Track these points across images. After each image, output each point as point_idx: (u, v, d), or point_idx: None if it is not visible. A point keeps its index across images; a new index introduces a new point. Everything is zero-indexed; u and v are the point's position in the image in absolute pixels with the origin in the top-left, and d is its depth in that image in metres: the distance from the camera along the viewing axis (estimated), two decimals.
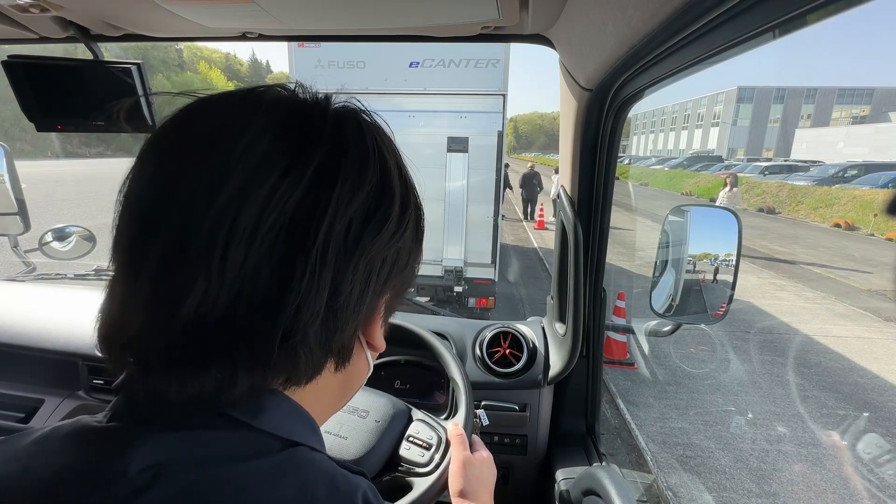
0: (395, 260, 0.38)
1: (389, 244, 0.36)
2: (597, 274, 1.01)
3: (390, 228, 0.36)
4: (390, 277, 0.38)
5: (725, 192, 8.58)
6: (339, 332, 0.35)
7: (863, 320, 5.62)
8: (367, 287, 0.35)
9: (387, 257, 0.37)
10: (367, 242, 0.34)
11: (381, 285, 0.37)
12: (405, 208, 0.38)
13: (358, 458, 0.73)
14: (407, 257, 0.40)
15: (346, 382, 0.43)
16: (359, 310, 0.36)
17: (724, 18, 0.39)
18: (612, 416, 3.48)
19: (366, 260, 0.34)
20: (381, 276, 0.37)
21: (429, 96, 3.97)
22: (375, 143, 0.38)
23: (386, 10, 0.72)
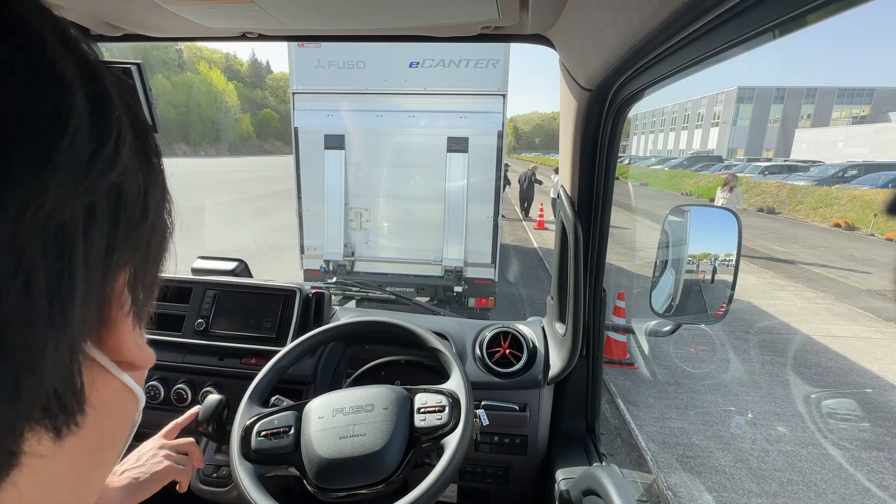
0: (114, 209, 0.23)
1: (87, 181, 0.21)
2: (597, 274, 1.01)
3: (75, 148, 0.20)
4: (116, 232, 0.23)
5: (724, 194, 8.15)
6: (33, 361, 0.19)
7: (863, 320, 5.62)
8: (65, 265, 0.20)
9: (93, 206, 0.21)
10: (28, 180, 0.18)
11: (102, 252, 0.22)
12: (105, 114, 0.22)
13: (383, 447, 0.75)
14: (138, 189, 0.24)
15: (95, 450, 0.26)
16: (67, 305, 0.20)
17: (724, 18, 0.39)
18: (612, 416, 3.48)
19: (36, 213, 0.19)
20: (92, 240, 0.21)
21: (429, 96, 3.97)
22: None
23: (386, 10, 0.72)
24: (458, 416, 0.79)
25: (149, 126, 0.26)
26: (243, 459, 0.78)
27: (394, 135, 4.11)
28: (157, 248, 0.28)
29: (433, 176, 4.12)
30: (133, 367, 0.28)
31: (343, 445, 0.75)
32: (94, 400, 0.24)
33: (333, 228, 4.27)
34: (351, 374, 1.18)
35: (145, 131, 0.26)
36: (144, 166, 0.25)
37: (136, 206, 0.24)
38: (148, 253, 0.27)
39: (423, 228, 4.25)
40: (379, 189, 4.25)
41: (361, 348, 1.26)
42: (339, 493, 0.75)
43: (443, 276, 4.24)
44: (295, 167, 4.24)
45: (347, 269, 4.34)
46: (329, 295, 1.30)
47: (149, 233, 0.26)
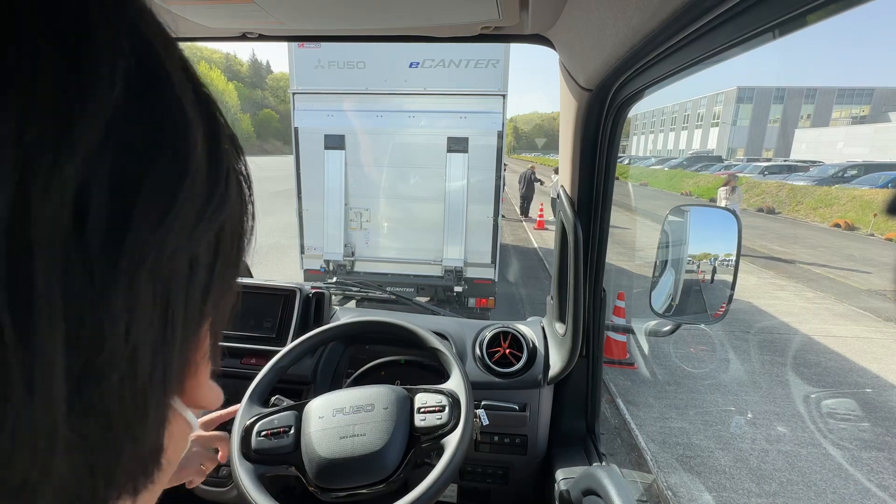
0: (214, 252, 0.21)
1: (199, 227, 0.19)
2: (597, 274, 1.01)
3: (195, 192, 0.19)
4: (212, 278, 0.21)
5: (726, 194, 8.09)
6: (136, 428, 0.19)
7: (863, 320, 5.62)
8: (168, 321, 0.19)
9: (198, 253, 0.20)
10: (147, 233, 0.17)
11: (199, 301, 0.21)
12: (217, 150, 0.21)
13: (383, 447, 0.75)
14: (238, 239, 0.23)
15: (155, 488, 0.24)
16: (168, 364, 0.19)
17: (724, 18, 0.39)
18: (612, 416, 3.48)
19: (152, 269, 0.17)
20: (194, 290, 0.20)
21: (429, 96, 3.97)
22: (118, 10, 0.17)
23: (386, 10, 0.72)
24: (458, 415, 0.79)
25: (241, 148, 0.24)
26: (243, 459, 0.78)
27: (394, 135, 4.11)
28: (237, 285, 0.25)
29: (433, 176, 4.12)
30: (202, 408, 0.26)
31: (343, 445, 0.75)
32: (167, 447, 0.23)
33: (333, 228, 4.27)
34: (351, 374, 1.18)
35: (240, 155, 0.23)
36: (240, 199, 0.23)
37: (232, 249, 0.23)
38: (230, 292, 0.24)
39: (423, 228, 4.25)
40: (379, 189, 4.25)
41: (361, 348, 1.26)
42: (339, 492, 0.75)
43: (443, 276, 4.24)
44: (295, 167, 4.24)
45: (347, 269, 4.34)
46: (329, 295, 1.30)
47: (237, 272, 0.24)
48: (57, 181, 0.15)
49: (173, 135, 0.18)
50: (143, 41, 0.18)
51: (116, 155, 0.16)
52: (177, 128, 0.18)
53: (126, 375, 0.17)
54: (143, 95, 0.17)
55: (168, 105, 0.18)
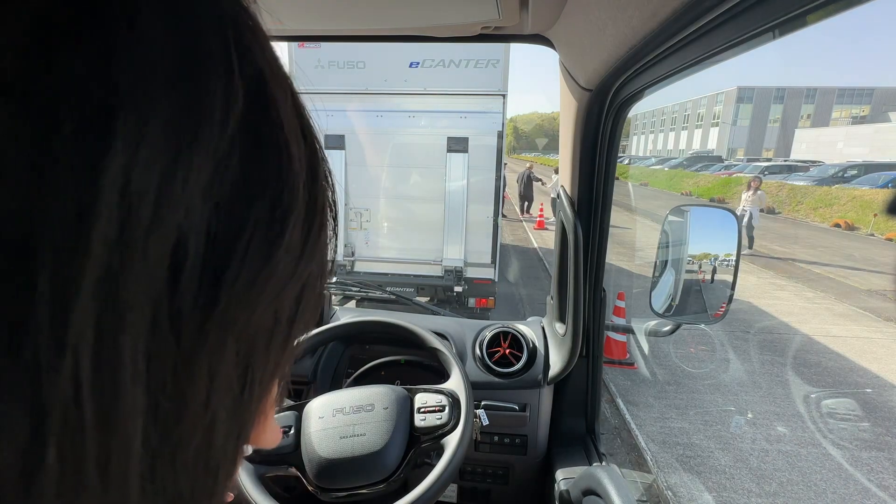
0: (297, 304, 0.19)
1: (291, 282, 0.18)
2: (597, 274, 1.01)
3: (292, 246, 0.17)
4: (291, 338, 0.20)
5: (749, 196, 8.52)
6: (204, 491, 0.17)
7: (863, 320, 5.61)
8: (247, 382, 0.17)
9: (284, 306, 0.18)
10: (242, 291, 0.15)
11: (275, 362, 0.19)
12: (315, 189, 0.19)
13: (383, 447, 0.75)
14: (321, 280, 0.21)
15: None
16: (237, 433, 0.18)
17: (724, 18, 0.39)
18: (612, 416, 3.48)
19: (241, 330, 0.16)
20: (275, 345, 0.18)
21: (429, 96, 3.97)
22: (233, 35, 0.15)
23: (386, 10, 0.72)
24: (458, 415, 0.79)
25: (333, 175, 0.21)
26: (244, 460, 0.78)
27: (394, 135, 4.11)
28: (310, 327, 0.22)
29: (433, 176, 4.11)
30: (261, 447, 0.25)
31: (343, 445, 0.75)
32: None
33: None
34: (351, 374, 1.18)
35: (332, 186, 0.21)
36: (321, 244, 0.20)
37: (314, 293, 0.20)
38: (303, 334, 0.22)
39: (423, 228, 4.24)
40: (379, 189, 4.25)
41: (361, 348, 1.26)
42: (340, 492, 0.75)
43: (443, 276, 4.24)
44: None
45: (347, 269, 4.34)
46: (329, 295, 1.30)
47: (316, 316, 0.22)
48: (157, 234, 0.13)
49: (278, 183, 0.16)
50: (255, 69, 0.16)
51: (217, 206, 0.14)
52: (282, 174, 0.16)
53: (202, 447, 0.16)
54: (251, 137, 0.15)
55: (277, 148, 0.16)
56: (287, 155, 0.17)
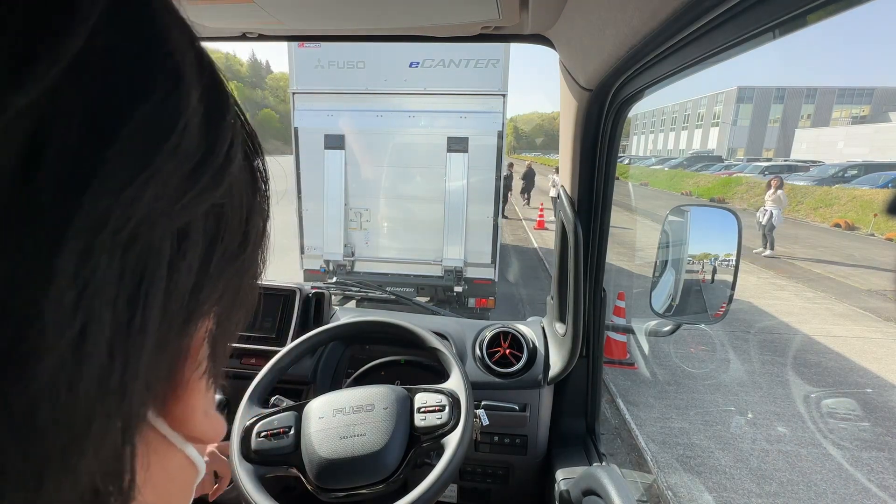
0: (212, 238, 0.18)
1: (186, 198, 0.16)
2: (597, 274, 1.01)
3: (181, 152, 0.16)
4: (208, 267, 0.18)
5: (770, 195, 8.58)
6: (69, 447, 0.14)
7: (863, 320, 5.61)
8: (138, 307, 0.15)
9: (187, 231, 0.17)
10: (115, 188, 0.14)
11: (187, 292, 0.17)
12: (215, 107, 0.18)
13: (383, 447, 0.75)
14: (241, 216, 0.20)
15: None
16: (131, 362, 0.15)
17: (724, 18, 0.39)
18: (612, 416, 3.48)
19: (117, 235, 0.14)
20: (180, 277, 0.17)
21: (429, 96, 3.96)
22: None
23: (386, 10, 0.72)
24: (458, 415, 0.79)
25: (260, 147, 0.22)
26: (243, 460, 0.78)
27: (394, 135, 4.11)
28: (248, 291, 0.22)
29: (433, 176, 4.11)
30: (198, 441, 0.22)
31: (343, 445, 0.75)
32: (146, 483, 0.18)
33: (333, 228, 4.27)
34: (351, 374, 1.18)
35: (256, 151, 0.22)
36: (251, 190, 0.21)
37: (235, 237, 0.20)
38: (237, 297, 0.21)
39: (423, 228, 4.24)
40: (379, 189, 4.25)
41: (361, 348, 1.26)
42: (340, 493, 0.75)
43: (443, 276, 4.24)
44: (295, 167, 4.24)
45: (347, 270, 4.34)
46: (329, 295, 1.30)
47: (243, 271, 0.21)
48: (9, 115, 0.12)
49: (163, 79, 0.16)
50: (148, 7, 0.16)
51: (88, 91, 0.14)
52: (166, 71, 0.16)
53: (65, 364, 0.13)
54: (130, 22, 0.15)
55: (159, 42, 0.16)
56: (172, 54, 0.16)
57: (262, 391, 0.90)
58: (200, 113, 0.17)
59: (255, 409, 0.86)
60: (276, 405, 0.91)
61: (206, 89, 0.18)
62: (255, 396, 0.88)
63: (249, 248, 0.22)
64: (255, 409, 0.86)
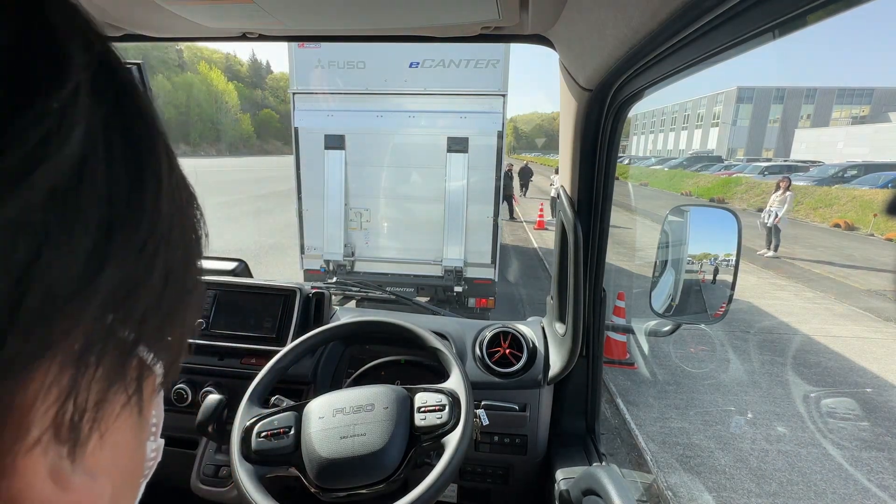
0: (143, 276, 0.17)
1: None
2: (597, 274, 1.01)
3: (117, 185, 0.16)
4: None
5: (777, 196, 8.60)
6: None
7: (863, 320, 5.61)
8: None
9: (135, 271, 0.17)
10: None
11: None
12: (147, 130, 0.18)
13: (383, 446, 0.75)
14: (182, 258, 0.20)
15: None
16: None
17: (724, 18, 0.39)
18: (612, 416, 3.48)
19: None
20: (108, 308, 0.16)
21: (429, 96, 3.97)
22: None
23: (386, 11, 0.72)
24: (458, 415, 0.79)
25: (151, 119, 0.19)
26: (243, 460, 0.78)
27: (394, 135, 4.11)
28: (189, 326, 0.20)
29: (433, 176, 4.11)
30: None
31: (343, 445, 0.75)
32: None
33: (333, 228, 4.27)
34: (351, 374, 1.18)
35: (170, 161, 0.20)
36: (186, 210, 0.20)
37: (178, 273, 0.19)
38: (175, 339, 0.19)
39: (423, 228, 4.25)
40: (379, 189, 4.25)
41: (361, 348, 1.26)
42: (340, 492, 0.75)
43: (443, 276, 4.24)
44: (295, 167, 4.24)
45: (347, 269, 4.34)
46: (329, 295, 1.30)
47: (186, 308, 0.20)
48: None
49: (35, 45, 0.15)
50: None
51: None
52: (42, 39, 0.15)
53: None
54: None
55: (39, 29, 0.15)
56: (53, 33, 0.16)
57: (262, 391, 0.90)
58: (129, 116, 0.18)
59: (255, 409, 0.86)
60: (276, 405, 0.91)
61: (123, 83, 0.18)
62: (255, 396, 0.88)
63: (187, 278, 0.19)
64: (255, 409, 0.86)
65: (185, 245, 0.21)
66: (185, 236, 0.20)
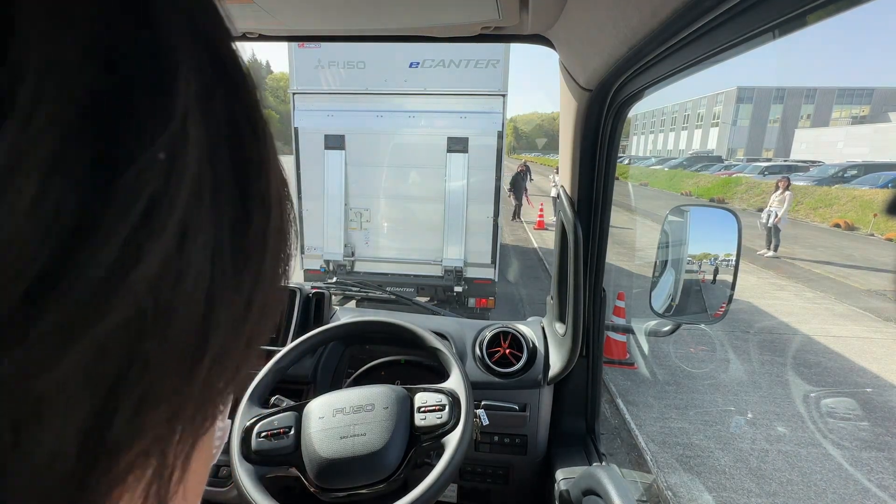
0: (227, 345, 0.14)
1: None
2: (597, 274, 1.01)
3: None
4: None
5: (778, 196, 8.58)
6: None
7: (863, 320, 5.61)
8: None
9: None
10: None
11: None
12: (249, 176, 0.15)
13: (384, 446, 0.75)
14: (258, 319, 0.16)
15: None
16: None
17: (724, 18, 0.39)
18: (612, 416, 3.48)
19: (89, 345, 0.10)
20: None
21: (429, 96, 3.97)
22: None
23: (386, 11, 0.72)
24: (458, 414, 0.79)
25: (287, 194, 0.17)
26: (244, 461, 0.78)
27: (394, 135, 4.11)
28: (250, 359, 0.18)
29: (433, 176, 4.11)
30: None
31: (343, 445, 0.75)
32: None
33: (333, 228, 4.27)
34: (351, 374, 1.18)
35: (285, 209, 0.18)
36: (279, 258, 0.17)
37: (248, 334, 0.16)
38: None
39: (423, 228, 4.25)
40: (379, 189, 4.25)
41: (361, 348, 1.26)
42: (340, 492, 0.75)
43: (443, 276, 4.24)
44: (295, 167, 4.24)
45: (347, 269, 4.34)
46: (329, 295, 1.30)
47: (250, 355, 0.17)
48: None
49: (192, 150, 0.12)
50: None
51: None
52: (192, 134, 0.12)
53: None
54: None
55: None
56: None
57: (262, 391, 0.90)
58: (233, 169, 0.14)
59: (255, 409, 0.86)
60: (276, 405, 0.91)
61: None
62: (255, 396, 0.88)
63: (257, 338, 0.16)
64: (255, 410, 0.86)
65: (284, 271, 0.17)
66: (283, 258, 0.17)
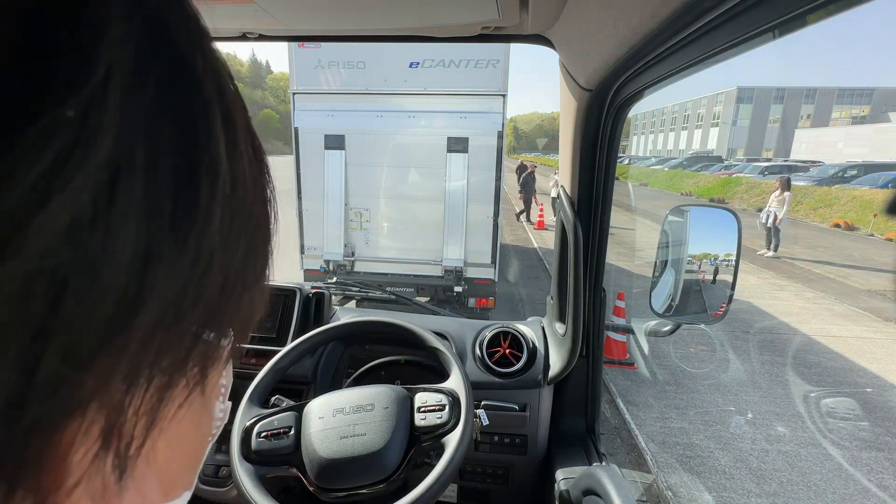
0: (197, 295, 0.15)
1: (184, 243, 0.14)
2: (597, 274, 1.01)
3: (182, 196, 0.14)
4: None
5: (777, 196, 8.56)
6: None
7: (863, 320, 5.61)
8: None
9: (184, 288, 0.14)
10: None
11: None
12: (230, 127, 0.16)
13: (384, 446, 0.75)
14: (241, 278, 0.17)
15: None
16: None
17: (724, 18, 0.39)
18: (612, 416, 3.48)
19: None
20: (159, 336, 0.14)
21: (429, 96, 3.97)
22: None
23: (386, 10, 0.72)
24: (458, 414, 0.79)
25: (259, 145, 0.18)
26: (244, 461, 0.78)
27: (394, 135, 4.11)
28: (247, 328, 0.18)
29: (433, 176, 4.12)
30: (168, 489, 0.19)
31: (344, 445, 0.75)
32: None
33: (333, 228, 4.27)
34: (351, 374, 1.18)
35: (259, 158, 0.18)
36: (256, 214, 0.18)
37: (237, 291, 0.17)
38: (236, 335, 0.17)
39: (423, 228, 4.25)
40: (379, 189, 4.25)
41: (361, 348, 1.26)
42: (340, 492, 0.75)
43: (443, 276, 4.24)
44: (295, 167, 4.24)
45: (347, 269, 4.34)
46: (329, 295, 1.30)
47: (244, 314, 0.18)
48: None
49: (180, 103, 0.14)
50: None
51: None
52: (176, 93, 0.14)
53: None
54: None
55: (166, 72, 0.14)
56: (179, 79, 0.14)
57: (262, 391, 0.90)
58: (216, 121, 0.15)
59: (255, 410, 0.86)
60: (276, 405, 0.91)
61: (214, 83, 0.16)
62: (255, 396, 0.88)
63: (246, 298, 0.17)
64: (255, 410, 0.86)
65: (247, 242, 0.17)
66: (246, 231, 0.17)
